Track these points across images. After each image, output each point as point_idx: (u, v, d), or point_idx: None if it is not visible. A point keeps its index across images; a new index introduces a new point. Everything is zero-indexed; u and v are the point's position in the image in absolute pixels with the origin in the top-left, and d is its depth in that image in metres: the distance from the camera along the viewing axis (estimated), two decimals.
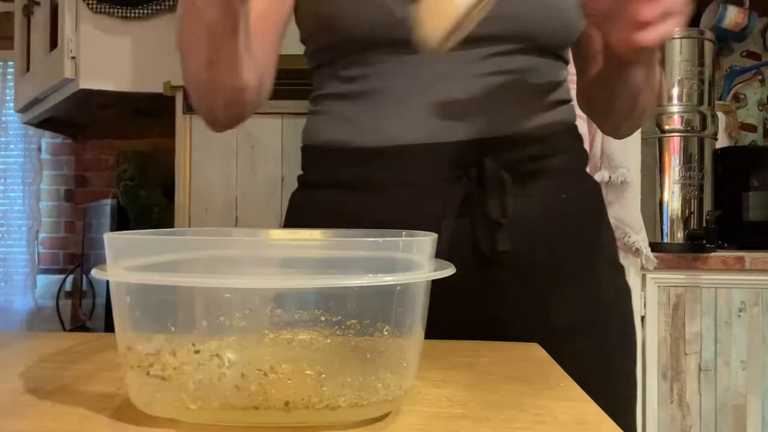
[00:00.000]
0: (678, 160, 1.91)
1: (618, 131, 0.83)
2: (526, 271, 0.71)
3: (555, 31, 0.73)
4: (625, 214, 1.74)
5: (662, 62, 1.92)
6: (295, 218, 0.81)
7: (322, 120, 0.78)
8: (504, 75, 0.72)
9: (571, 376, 0.53)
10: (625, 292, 0.80)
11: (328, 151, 0.76)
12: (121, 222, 2.55)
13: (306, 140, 0.80)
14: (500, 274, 0.70)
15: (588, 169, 0.83)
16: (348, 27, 0.70)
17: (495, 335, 0.68)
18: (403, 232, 0.50)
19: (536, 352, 0.62)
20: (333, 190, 0.75)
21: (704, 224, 1.88)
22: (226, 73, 0.66)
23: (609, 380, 0.56)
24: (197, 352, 0.40)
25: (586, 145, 1.68)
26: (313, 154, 0.79)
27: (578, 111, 0.83)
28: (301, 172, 0.82)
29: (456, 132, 0.70)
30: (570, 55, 0.82)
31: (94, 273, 0.41)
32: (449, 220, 0.69)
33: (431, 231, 0.68)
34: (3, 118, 3.41)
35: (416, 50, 0.63)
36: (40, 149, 3.40)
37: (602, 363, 0.61)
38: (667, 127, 1.92)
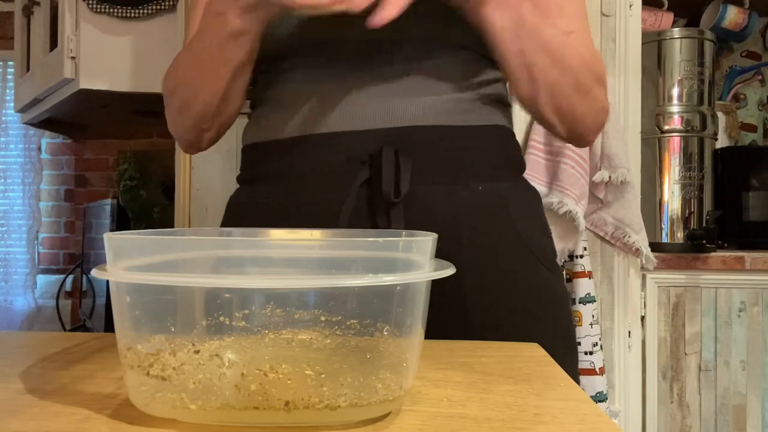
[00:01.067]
0: (678, 160, 1.91)
1: (551, 103, 0.75)
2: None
3: (465, 29, 0.73)
4: (625, 214, 1.74)
5: (662, 62, 1.92)
6: (231, 215, 0.86)
7: (250, 123, 0.85)
8: (413, 71, 0.75)
9: None
10: (556, 290, 0.78)
11: (253, 150, 0.83)
12: (121, 222, 2.55)
13: (243, 143, 0.87)
14: None
15: (588, 169, 0.82)
16: (269, 38, 0.75)
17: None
18: (403, 232, 0.50)
19: (536, 352, 0.62)
20: (258, 184, 0.82)
21: (704, 224, 1.88)
22: (238, 98, 0.78)
23: None
24: (197, 352, 0.40)
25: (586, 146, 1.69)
26: (244, 155, 0.86)
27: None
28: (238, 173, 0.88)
29: (363, 122, 0.74)
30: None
31: (94, 273, 0.41)
32: (350, 200, 0.72)
33: (333, 212, 0.71)
34: (3, 118, 3.41)
35: (324, 50, 0.75)
36: (40, 149, 3.41)
37: None
38: (667, 127, 1.92)
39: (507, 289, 0.74)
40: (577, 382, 0.77)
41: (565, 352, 0.76)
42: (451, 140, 0.75)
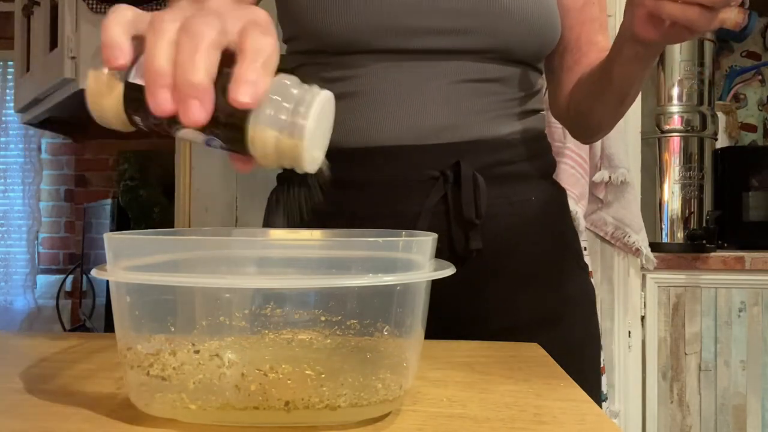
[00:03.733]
0: (678, 160, 1.91)
1: (597, 134, 0.84)
2: (496, 269, 0.75)
3: (530, 45, 0.76)
4: (625, 214, 1.74)
5: (662, 62, 1.92)
6: (275, 216, 0.83)
7: None
8: (481, 83, 0.75)
9: None
10: (590, 290, 0.85)
11: None
12: (121, 222, 2.55)
13: None
14: (471, 272, 0.73)
15: (588, 169, 0.84)
16: (330, 32, 0.72)
17: (465, 331, 0.71)
18: (403, 232, 0.50)
19: (536, 351, 0.62)
20: (311, 188, 0.78)
21: (704, 224, 1.88)
22: None
23: (574, 376, 0.58)
24: (197, 352, 0.40)
25: (586, 146, 1.69)
26: None
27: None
28: (280, 171, 0.84)
29: (434, 135, 0.74)
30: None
31: (94, 273, 0.41)
32: (425, 218, 0.72)
33: (405, 226, 0.69)
34: (3, 118, 3.41)
35: (398, 56, 0.72)
36: (40, 149, 3.40)
37: (567, 358, 0.62)
38: (667, 127, 1.92)
39: (556, 291, 0.78)
40: (600, 373, 0.85)
41: (597, 342, 0.84)
42: (509, 154, 0.76)
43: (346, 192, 0.75)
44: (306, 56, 0.79)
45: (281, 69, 0.90)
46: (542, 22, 0.75)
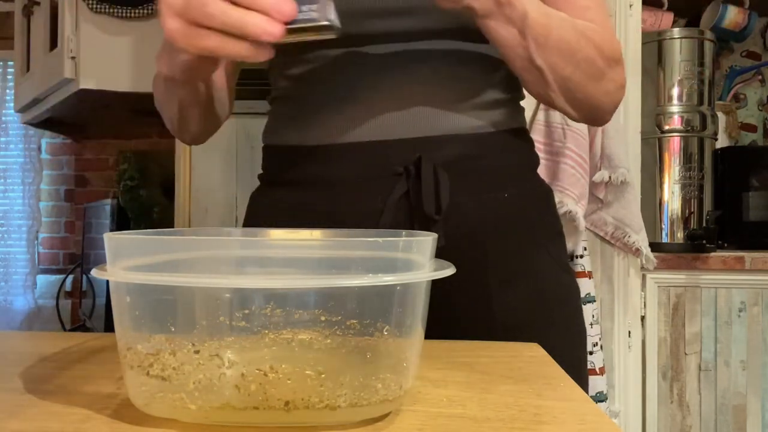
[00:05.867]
0: (678, 160, 1.91)
1: (568, 99, 0.73)
2: (464, 268, 0.72)
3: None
4: (625, 214, 1.74)
5: (662, 62, 1.92)
6: (253, 217, 0.84)
7: (275, 120, 0.82)
8: (441, 73, 0.74)
9: None
10: (572, 291, 0.81)
11: (281, 151, 0.80)
12: (121, 222, 2.55)
13: (264, 140, 0.84)
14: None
15: (588, 169, 0.82)
16: None
17: (438, 332, 0.69)
18: (403, 232, 0.50)
19: (536, 352, 0.62)
20: (285, 188, 0.79)
21: (704, 224, 1.88)
22: (193, 126, 0.79)
23: None
24: (197, 352, 0.40)
25: (586, 146, 1.69)
26: (269, 153, 0.83)
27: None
28: (261, 172, 0.86)
29: (395, 130, 0.73)
30: None
31: (94, 273, 0.41)
32: (388, 215, 0.71)
33: (371, 225, 0.70)
34: (3, 118, 3.41)
35: (355, 42, 0.71)
36: (40, 149, 3.41)
37: None
38: (667, 127, 1.92)
39: (530, 292, 0.76)
40: (586, 377, 0.81)
41: (580, 349, 0.81)
42: (478, 148, 0.75)
43: (313, 192, 0.75)
44: (281, 59, 0.78)
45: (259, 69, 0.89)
46: None
